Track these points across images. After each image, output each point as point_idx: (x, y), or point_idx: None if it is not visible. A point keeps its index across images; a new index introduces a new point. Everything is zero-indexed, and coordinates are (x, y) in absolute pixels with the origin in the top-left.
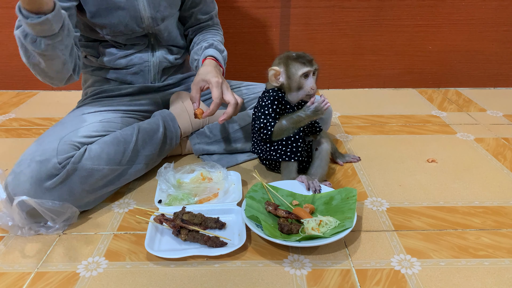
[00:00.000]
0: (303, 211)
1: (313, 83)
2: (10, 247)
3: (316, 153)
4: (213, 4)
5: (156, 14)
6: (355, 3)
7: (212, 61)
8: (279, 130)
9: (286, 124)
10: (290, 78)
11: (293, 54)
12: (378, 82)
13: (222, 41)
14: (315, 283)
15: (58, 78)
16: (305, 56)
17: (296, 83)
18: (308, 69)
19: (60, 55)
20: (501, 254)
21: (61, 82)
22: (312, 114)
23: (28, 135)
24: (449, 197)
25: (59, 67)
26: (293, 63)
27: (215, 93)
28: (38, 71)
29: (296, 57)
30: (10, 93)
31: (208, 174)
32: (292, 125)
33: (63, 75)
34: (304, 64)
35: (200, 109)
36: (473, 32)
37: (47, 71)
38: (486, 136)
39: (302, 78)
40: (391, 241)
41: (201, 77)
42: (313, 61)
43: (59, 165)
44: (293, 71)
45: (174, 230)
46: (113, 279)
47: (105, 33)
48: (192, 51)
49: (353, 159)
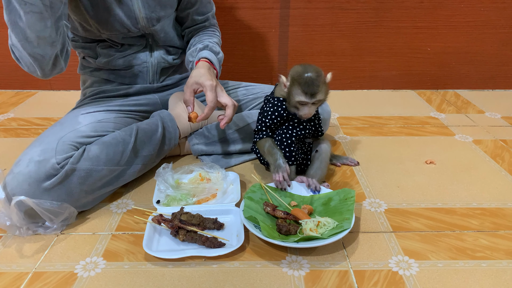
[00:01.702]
0: (301, 212)
1: (308, 113)
2: (8, 247)
3: (316, 155)
4: (210, 5)
5: (151, 14)
6: (354, 5)
7: (205, 63)
8: (260, 147)
9: (266, 147)
10: (290, 95)
11: (303, 76)
12: (377, 83)
13: (219, 42)
14: (313, 284)
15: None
16: (311, 86)
17: (293, 103)
18: (305, 101)
19: (42, 9)
20: (498, 255)
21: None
22: (273, 171)
23: (27, 135)
24: (447, 199)
25: (40, 27)
26: (295, 85)
27: (210, 96)
28: (18, 32)
29: (302, 82)
30: (9, 92)
31: (206, 174)
32: (267, 154)
33: (48, 48)
34: (304, 94)
35: (195, 113)
36: (472, 34)
37: (28, 35)
38: (484, 138)
39: (298, 103)
40: (389, 242)
41: (194, 80)
42: (316, 94)
43: (57, 165)
44: (293, 92)
45: (172, 231)
46: (111, 279)
47: (102, 31)
48: (187, 52)
49: (351, 162)
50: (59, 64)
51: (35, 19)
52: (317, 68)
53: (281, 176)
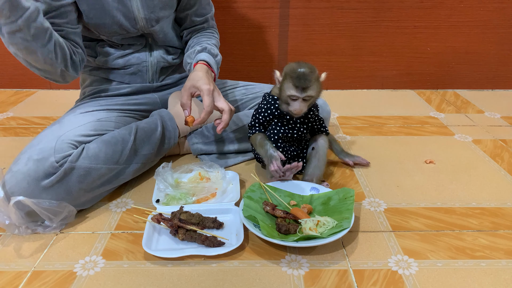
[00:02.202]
0: (301, 211)
1: (298, 108)
2: (7, 246)
3: (312, 152)
4: (209, 7)
5: (150, 15)
6: (354, 4)
7: (203, 66)
8: (253, 142)
9: (258, 140)
10: (282, 90)
11: (295, 71)
12: (376, 83)
13: (217, 44)
14: (313, 283)
15: (48, 72)
16: (303, 80)
17: (284, 99)
18: (295, 95)
19: (27, 45)
20: (498, 255)
21: (55, 77)
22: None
23: (26, 133)
24: (446, 198)
25: (32, 58)
26: (287, 80)
27: (207, 101)
28: (20, 59)
29: (294, 76)
30: (8, 91)
31: (206, 173)
32: (258, 146)
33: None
34: (295, 88)
35: (192, 117)
36: (472, 34)
37: (29, 62)
38: (483, 138)
39: (289, 98)
40: (388, 242)
41: (192, 83)
42: (307, 89)
43: (56, 163)
44: (284, 87)
45: (171, 230)
46: (110, 278)
47: (101, 33)
48: (186, 54)
49: (362, 161)
50: (68, 75)
51: (26, 53)
52: (312, 65)
53: (275, 165)
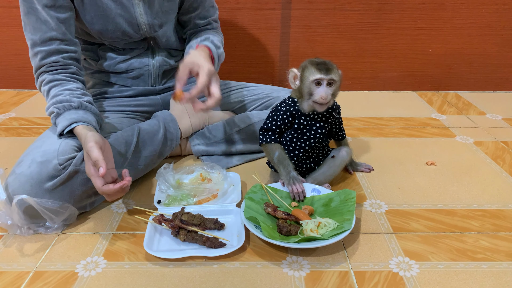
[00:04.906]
0: (302, 213)
1: (324, 93)
2: (9, 246)
3: (329, 159)
4: (212, 10)
5: (153, 21)
6: (356, 6)
7: (206, 49)
8: (267, 152)
9: (276, 156)
10: (303, 82)
11: (315, 60)
12: (378, 84)
13: (221, 41)
14: (313, 284)
15: None
16: (325, 64)
17: (307, 89)
18: (320, 76)
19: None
20: (499, 257)
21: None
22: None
23: (28, 134)
24: (448, 200)
25: None
26: (309, 67)
27: (202, 79)
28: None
29: (315, 63)
30: (10, 92)
31: (207, 175)
32: (277, 163)
33: None
34: (319, 70)
35: (181, 91)
36: (473, 35)
37: None
38: (485, 140)
39: (313, 85)
40: (389, 243)
41: (192, 59)
42: (332, 70)
43: (59, 166)
44: (306, 75)
45: (173, 231)
46: (112, 279)
47: (103, 38)
48: (187, 46)
49: (365, 168)
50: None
51: None
52: None
53: (299, 188)
